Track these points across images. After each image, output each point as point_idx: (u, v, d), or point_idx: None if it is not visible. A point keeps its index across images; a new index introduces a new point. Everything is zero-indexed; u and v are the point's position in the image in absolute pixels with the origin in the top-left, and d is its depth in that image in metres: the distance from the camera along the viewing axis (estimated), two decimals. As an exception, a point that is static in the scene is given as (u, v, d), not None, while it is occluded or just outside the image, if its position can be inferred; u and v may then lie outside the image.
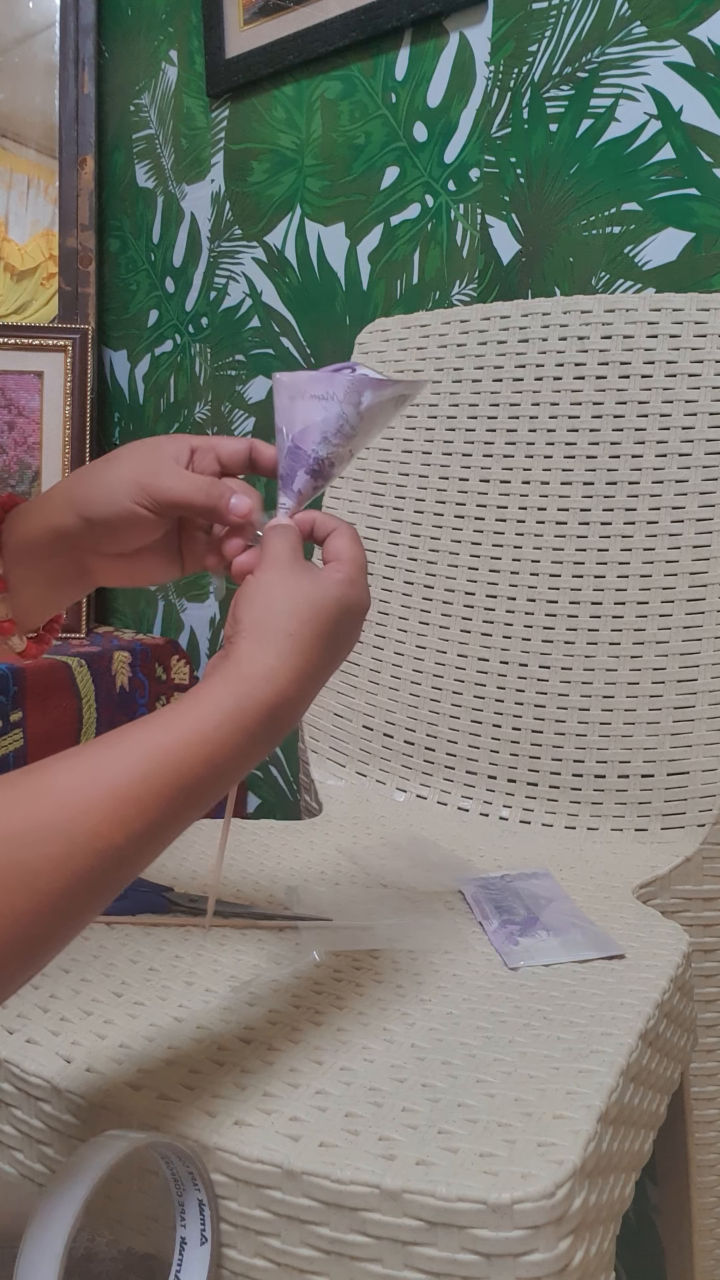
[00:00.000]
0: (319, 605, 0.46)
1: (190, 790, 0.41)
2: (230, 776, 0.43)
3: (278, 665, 0.44)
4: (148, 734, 0.41)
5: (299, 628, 0.45)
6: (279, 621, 0.45)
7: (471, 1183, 0.39)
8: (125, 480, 0.50)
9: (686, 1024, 0.61)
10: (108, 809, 0.38)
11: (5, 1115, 0.50)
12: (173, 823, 0.41)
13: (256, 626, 0.45)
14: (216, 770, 0.42)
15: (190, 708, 0.42)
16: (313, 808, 0.96)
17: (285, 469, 0.52)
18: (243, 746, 0.43)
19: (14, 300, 1.51)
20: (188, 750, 0.41)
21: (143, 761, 0.40)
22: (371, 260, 1.15)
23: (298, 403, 0.51)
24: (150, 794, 0.39)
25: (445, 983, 0.57)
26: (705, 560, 0.81)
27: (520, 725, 0.88)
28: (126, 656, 1.30)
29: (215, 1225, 0.43)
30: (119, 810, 0.38)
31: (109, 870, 0.38)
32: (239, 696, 0.43)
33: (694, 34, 0.86)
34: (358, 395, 0.50)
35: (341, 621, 0.47)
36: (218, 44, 1.27)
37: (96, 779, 0.39)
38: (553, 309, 0.90)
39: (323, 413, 0.50)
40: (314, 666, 0.46)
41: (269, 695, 0.43)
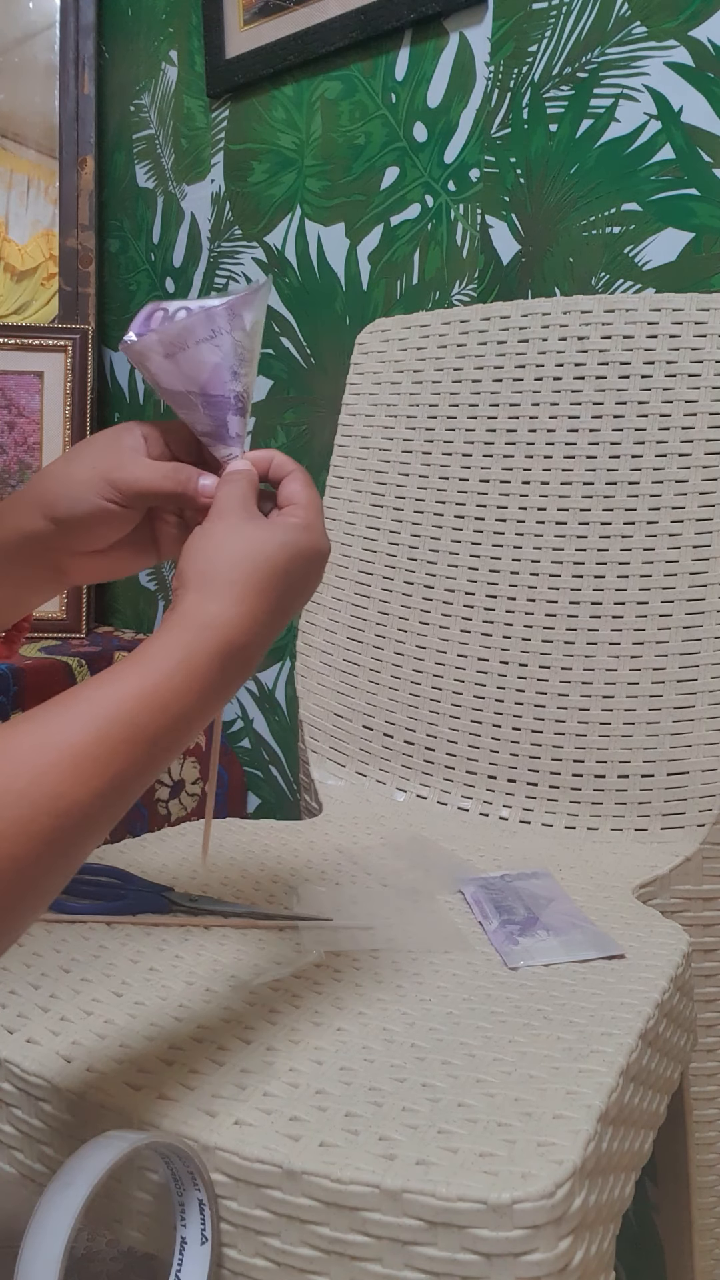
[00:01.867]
0: (265, 551, 0.46)
1: (148, 741, 0.40)
2: (191, 724, 0.43)
3: (221, 612, 0.44)
4: (99, 690, 0.41)
5: (243, 575, 0.45)
6: (223, 571, 0.45)
7: (471, 1183, 0.39)
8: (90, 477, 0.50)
9: (686, 1024, 0.61)
10: (66, 768, 0.38)
11: (5, 1115, 0.50)
12: (136, 776, 0.40)
13: (200, 577, 0.45)
14: (173, 718, 0.41)
15: (138, 661, 0.42)
16: (313, 808, 0.96)
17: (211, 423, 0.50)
18: (197, 693, 0.42)
19: (14, 300, 1.51)
20: (139, 701, 0.40)
21: (97, 718, 0.39)
22: (371, 260, 1.15)
23: (184, 356, 0.49)
24: (107, 749, 0.39)
25: (445, 983, 0.57)
26: (705, 560, 0.81)
27: (520, 725, 0.88)
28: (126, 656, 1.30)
29: (215, 1225, 0.43)
30: (78, 768, 0.38)
31: (75, 830, 0.38)
32: (186, 644, 0.43)
33: (694, 34, 0.86)
34: (240, 317, 0.49)
35: (293, 566, 0.47)
36: (218, 44, 1.27)
37: (52, 740, 0.38)
38: (553, 309, 0.90)
39: (218, 352, 0.49)
40: (264, 612, 0.46)
41: (217, 642, 0.43)
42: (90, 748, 0.39)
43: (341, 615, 0.98)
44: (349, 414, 1.01)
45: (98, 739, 0.39)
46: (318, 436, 1.22)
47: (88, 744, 0.39)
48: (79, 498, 0.50)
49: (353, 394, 1.01)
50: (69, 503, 0.50)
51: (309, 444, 1.24)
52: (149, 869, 0.72)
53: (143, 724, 0.40)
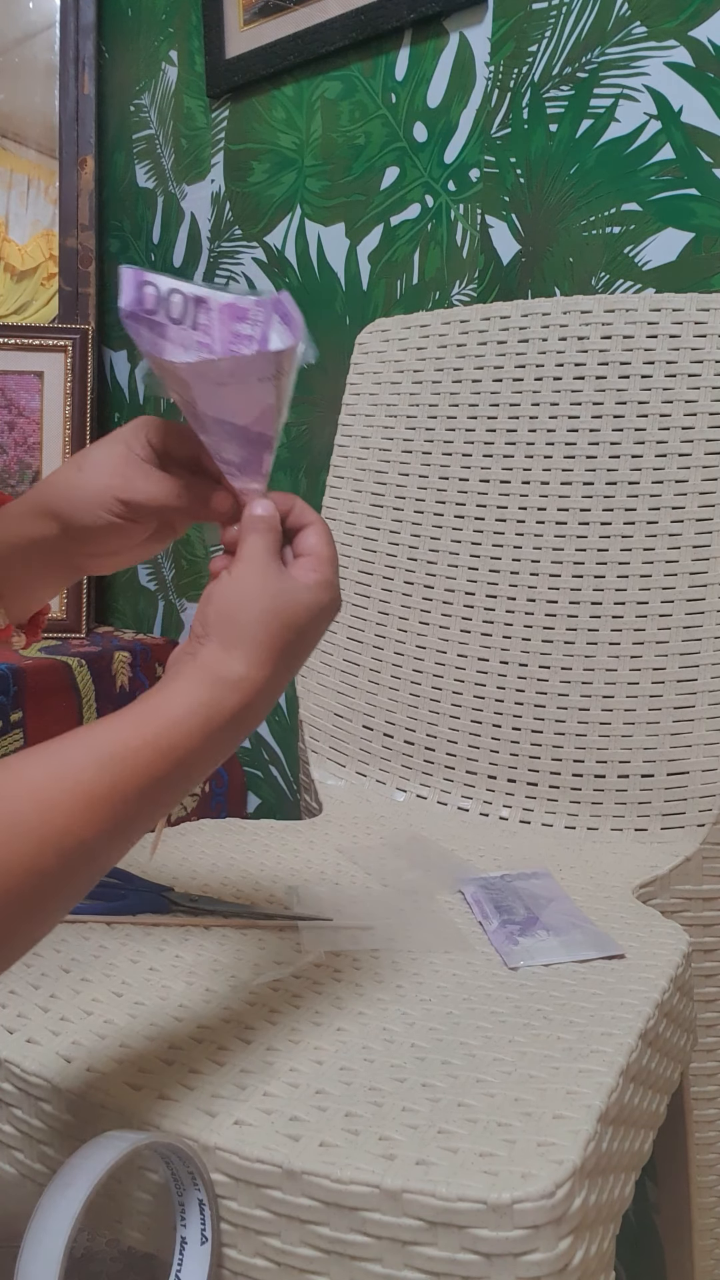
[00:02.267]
0: (290, 612, 0.46)
1: (157, 789, 0.41)
2: (194, 776, 0.43)
3: (246, 674, 0.44)
4: (118, 733, 0.41)
5: (269, 637, 0.45)
6: (249, 629, 0.45)
7: (471, 1182, 0.39)
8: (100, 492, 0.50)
9: (686, 1024, 0.61)
10: (79, 808, 0.39)
11: (5, 1115, 0.50)
12: (139, 820, 0.41)
13: (227, 629, 0.45)
14: (183, 771, 0.42)
15: (159, 708, 0.43)
16: (313, 808, 0.96)
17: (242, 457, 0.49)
18: (208, 749, 0.43)
19: (14, 300, 1.51)
20: (157, 751, 0.41)
21: (111, 760, 0.40)
22: (371, 260, 1.15)
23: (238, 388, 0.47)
24: (119, 793, 0.40)
25: (445, 983, 0.57)
26: (705, 560, 0.81)
27: (520, 725, 0.88)
28: (126, 656, 1.31)
29: (215, 1225, 0.43)
30: (90, 809, 0.39)
31: (78, 867, 0.39)
32: (207, 703, 0.43)
33: (694, 34, 0.86)
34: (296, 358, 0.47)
35: (311, 625, 0.47)
36: (218, 44, 1.27)
37: (67, 777, 0.39)
38: (553, 309, 0.90)
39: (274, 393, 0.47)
40: (280, 674, 0.46)
41: (234, 702, 0.44)
42: (104, 790, 0.39)
43: (341, 615, 0.98)
44: (349, 414, 1.01)
45: (111, 784, 0.40)
46: (318, 436, 1.22)
47: (101, 786, 0.39)
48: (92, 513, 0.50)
49: (353, 394, 1.01)
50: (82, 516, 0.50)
51: (309, 444, 1.24)
52: (149, 869, 0.72)
53: (156, 773, 0.41)
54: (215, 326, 0.48)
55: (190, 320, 0.48)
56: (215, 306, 0.48)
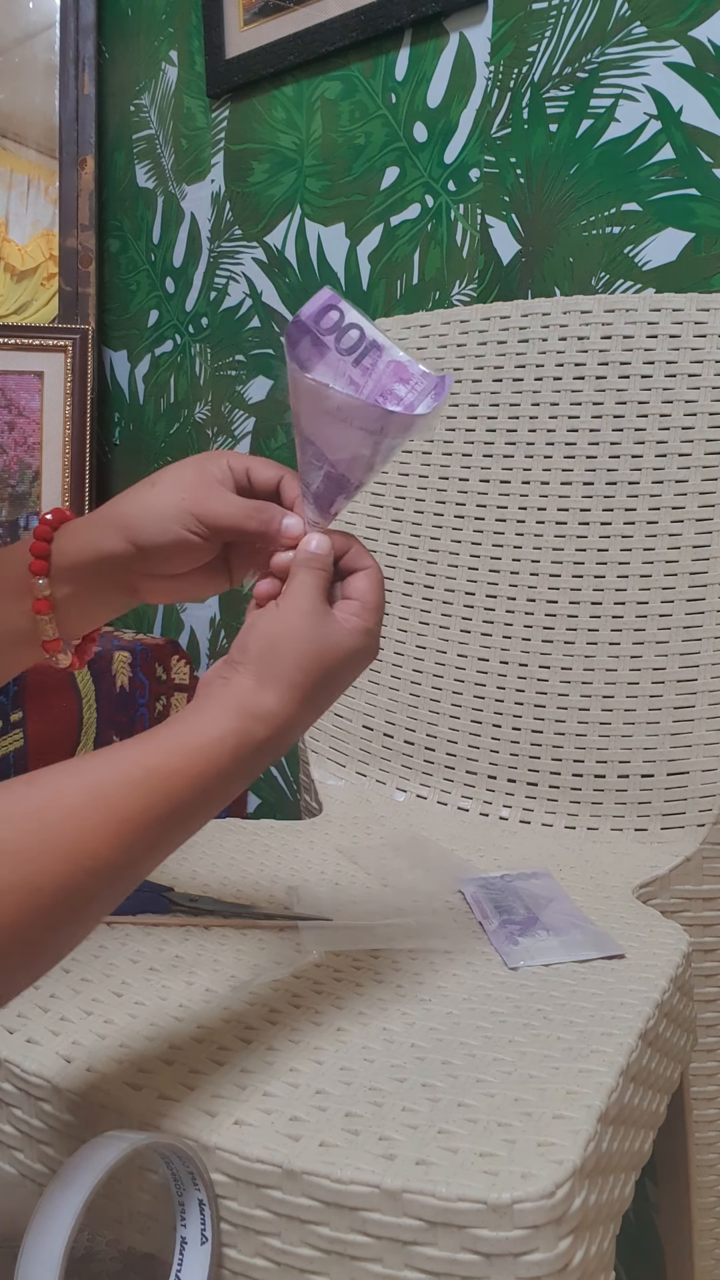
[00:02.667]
0: (329, 656, 0.47)
1: (185, 813, 0.42)
2: (219, 802, 0.44)
3: (278, 710, 0.45)
4: (150, 758, 0.42)
5: (305, 678, 0.46)
6: (288, 667, 0.46)
7: (471, 1182, 0.39)
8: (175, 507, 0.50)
9: (686, 1024, 0.61)
10: (110, 831, 0.39)
11: (5, 1115, 0.50)
12: (166, 843, 0.42)
13: (265, 664, 0.46)
14: (208, 797, 0.43)
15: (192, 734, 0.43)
16: (313, 808, 0.96)
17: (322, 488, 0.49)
18: (234, 777, 0.44)
19: (14, 300, 1.51)
20: (184, 780, 0.42)
21: (144, 786, 0.41)
22: (371, 260, 1.15)
23: (341, 429, 0.47)
24: (149, 818, 0.41)
25: (445, 983, 0.57)
26: (705, 560, 0.81)
27: (520, 725, 0.88)
28: (126, 656, 1.30)
29: (215, 1225, 0.43)
30: (121, 834, 0.40)
31: (107, 888, 0.40)
32: (238, 732, 0.44)
33: (694, 34, 0.86)
34: (415, 431, 0.48)
35: (346, 670, 0.48)
36: (218, 44, 1.27)
37: (99, 798, 0.40)
38: (553, 309, 0.90)
39: (372, 447, 0.48)
40: (309, 713, 0.47)
41: (263, 736, 0.45)
42: (135, 815, 0.40)
43: (341, 615, 0.98)
44: (349, 414, 1.01)
45: (143, 808, 0.41)
46: (318, 436, 1.22)
47: (133, 811, 0.40)
48: (163, 527, 0.50)
49: (353, 394, 1.01)
50: (153, 530, 0.50)
51: (309, 444, 1.24)
52: (149, 869, 0.72)
53: (184, 801, 0.42)
54: (376, 373, 0.49)
55: (355, 357, 0.49)
56: (386, 359, 0.49)
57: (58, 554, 0.52)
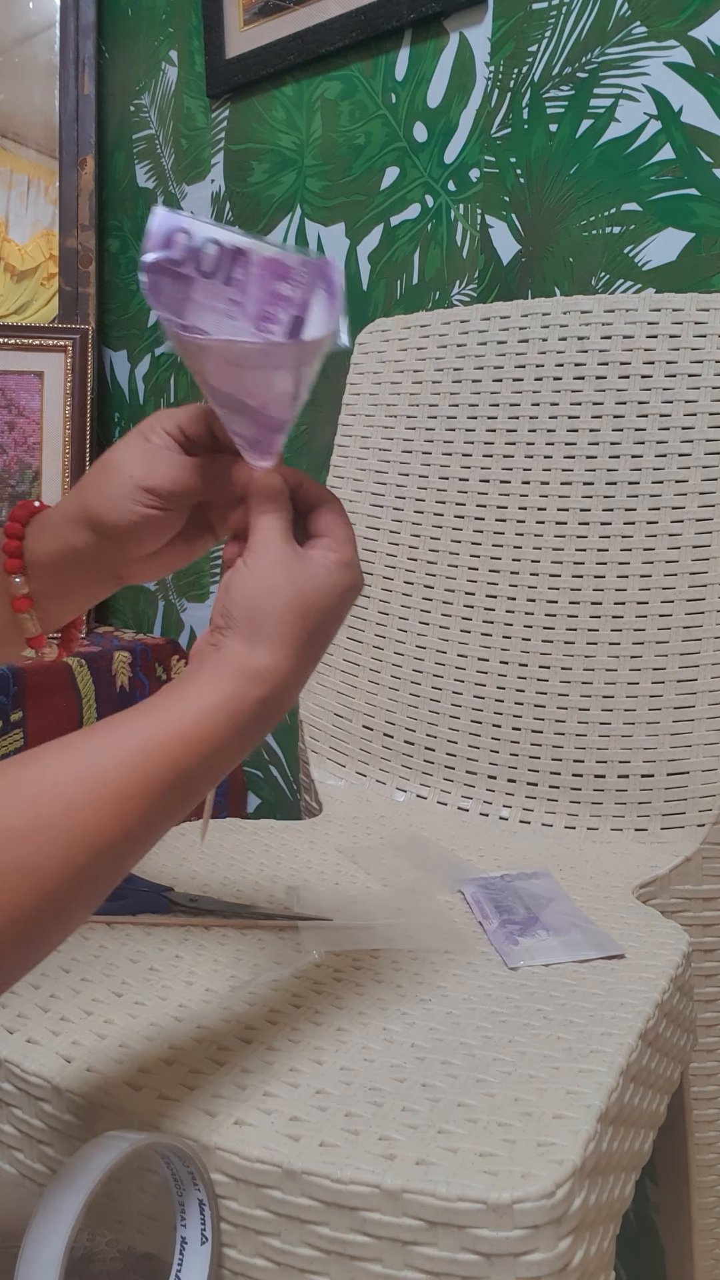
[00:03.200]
0: (313, 599, 0.45)
1: (184, 784, 0.41)
2: (221, 769, 0.43)
3: (272, 665, 0.43)
4: (142, 728, 0.41)
5: (294, 627, 0.44)
6: (272, 620, 0.44)
7: (471, 1182, 0.39)
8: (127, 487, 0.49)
9: (686, 1024, 0.61)
10: (106, 805, 0.38)
11: (5, 1115, 0.50)
12: (166, 815, 0.41)
13: (249, 623, 0.44)
14: (208, 763, 0.42)
15: (182, 701, 0.42)
16: (313, 808, 0.96)
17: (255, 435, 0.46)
18: (234, 741, 0.42)
19: (14, 300, 1.51)
20: (183, 746, 0.41)
21: (138, 756, 0.40)
22: (371, 260, 1.15)
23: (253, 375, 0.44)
24: (145, 789, 0.39)
25: (445, 983, 0.57)
26: (705, 560, 0.81)
27: (520, 725, 0.88)
28: (126, 656, 1.30)
29: (215, 1225, 0.43)
30: (118, 806, 0.38)
31: (106, 864, 0.39)
32: (232, 696, 0.42)
33: (694, 34, 0.86)
34: (324, 348, 0.44)
35: (336, 609, 0.46)
36: (218, 44, 1.27)
37: (93, 775, 0.39)
38: (553, 309, 0.90)
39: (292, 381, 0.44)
40: (306, 661, 0.45)
41: (260, 694, 0.43)
42: (131, 787, 0.39)
43: (341, 615, 0.98)
44: (349, 414, 1.01)
45: (139, 779, 0.39)
46: (318, 436, 1.22)
47: (129, 783, 0.39)
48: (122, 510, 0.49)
49: (353, 394, 1.01)
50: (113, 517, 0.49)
51: (309, 444, 1.24)
52: (149, 869, 0.72)
53: (182, 767, 0.41)
54: (252, 284, 0.45)
55: (224, 275, 0.44)
56: (256, 261, 0.44)
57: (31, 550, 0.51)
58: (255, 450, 0.47)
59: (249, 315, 0.44)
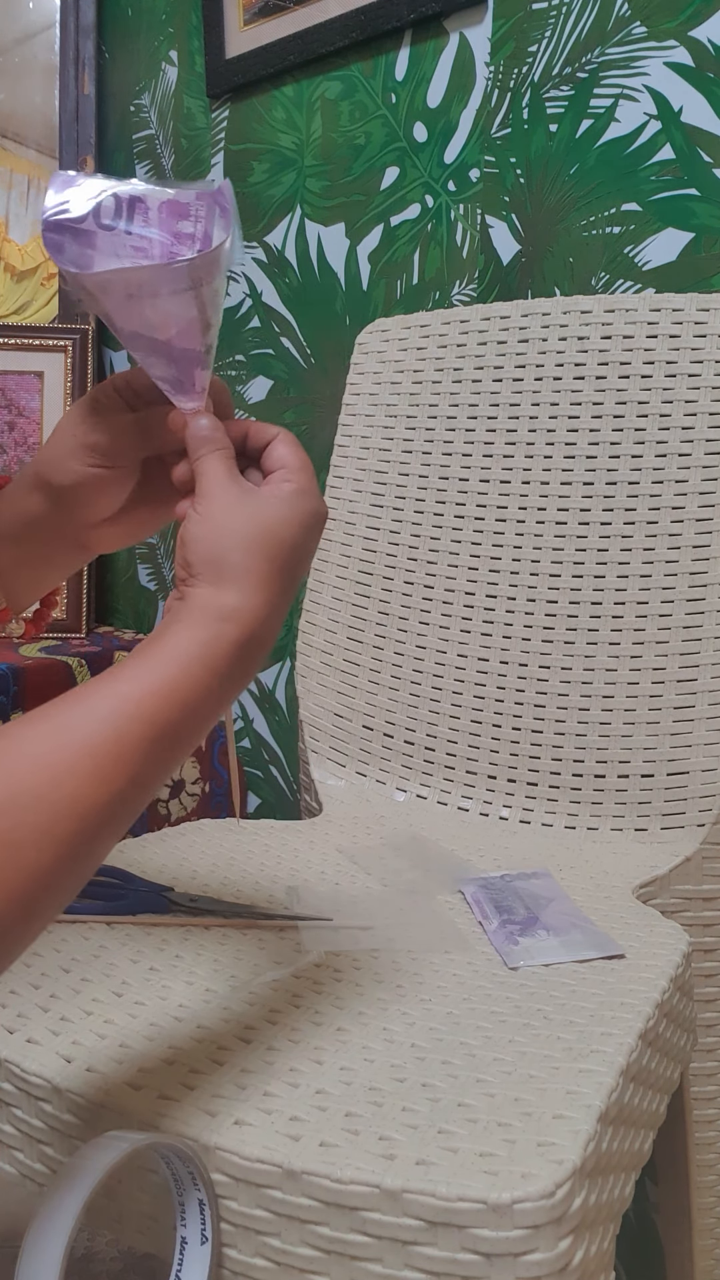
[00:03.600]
0: (271, 529, 0.44)
1: (166, 737, 0.40)
2: (206, 718, 0.42)
3: (241, 604, 0.42)
4: (117, 687, 0.39)
5: (256, 561, 0.43)
6: (234, 558, 0.43)
7: (471, 1182, 0.39)
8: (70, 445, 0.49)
9: (686, 1024, 0.61)
10: (87, 769, 0.37)
11: (5, 1115, 0.50)
12: (153, 773, 0.40)
13: (210, 566, 0.43)
14: (190, 713, 0.41)
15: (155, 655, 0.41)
16: (313, 808, 0.96)
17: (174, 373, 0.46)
18: (214, 687, 0.41)
19: (14, 300, 1.51)
20: (160, 698, 0.40)
21: (116, 716, 0.38)
22: (371, 260, 1.15)
23: (152, 303, 0.44)
24: (128, 748, 0.38)
25: (445, 983, 0.57)
26: (705, 560, 0.81)
27: (520, 725, 0.88)
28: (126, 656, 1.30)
29: (215, 1225, 0.43)
30: (99, 769, 0.37)
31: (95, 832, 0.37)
32: (204, 641, 0.41)
33: (694, 34, 0.86)
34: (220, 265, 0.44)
35: (299, 538, 0.45)
36: (218, 44, 1.27)
37: (71, 740, 0.38)
38: (553, 309, 0.90)
39: (197, 303, 0.44)
40: (279, 595, 0.44)
41: (236, 636, 0.42)
42: (110, 747, 0.38)
43: (341, 615, 0.98)
44: (349, 414, 1.01)
45: (117, 738, 0.38)
46: (318, 436, 1.22)
47: (108, 743, 0.38)
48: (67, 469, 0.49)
49: (353, 394, 1.01)
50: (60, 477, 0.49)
51: (309, 444, 1.24)
52: (149, 869, 0.72)
53: (163, 721, 0.39)
54: (154, 227, 0.45)
55: (125, 224, 0.45)
56: (154, 205, 0.45)
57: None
58: (179, 391, 0.47)
59: (155, 258, 0.45)
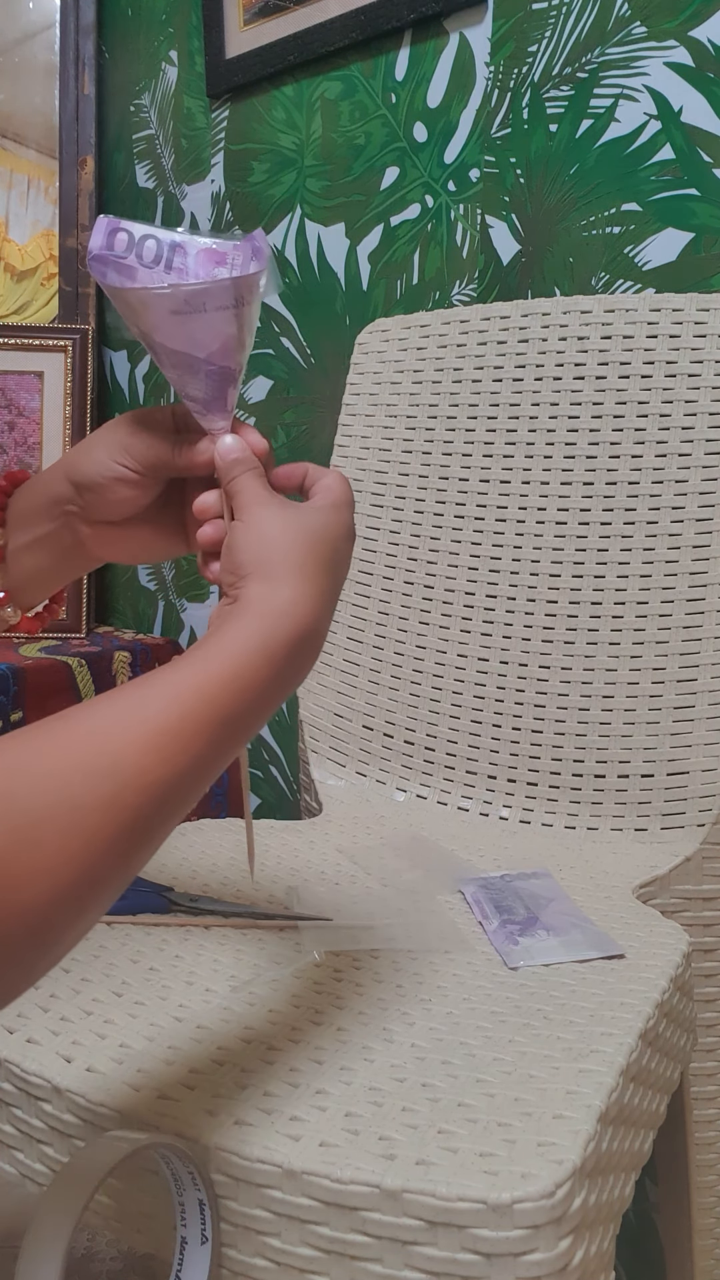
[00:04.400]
0: (316, 533, 0.47)
1: (228, 723, 0.41)
2: (267, 707, 0.43)
3: (295, 597, 0.44)
4: (180, 674, 0.41)
5: (304, 558, 0.45)
6: (283, 557, 0.45)
7: (471, 1182, 0.39)
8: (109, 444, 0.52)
9: (686, 1024, 0.61)
10: (151, 745, 0.38)
11: (5, 1115, 0.50)
12: (216, 756, 0.41)
13: (260, 567, 0.45)
14: (251, 702, 0.42)
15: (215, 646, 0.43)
16: (313, 808, 0.96)
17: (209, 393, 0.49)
18: (271, 680, 0.43)
19: (14, 300, 1.51)
20: (221, 685, 0.41)
21: (181, 698, 0.40)
22: (371, 260, 1.15)
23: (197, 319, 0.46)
24: (191, 728, 0.40)
25: (445, 983, 0.57)
26: (705, 560, 0.81)
27: (520, 725, 0.88)
28: (126, 656, 1.31)
29: (215, 1225, 0.43)
30: (162, 746, 0.39)
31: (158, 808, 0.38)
32: (263, 634, 0.43)
33: (694, 34, 0.86)
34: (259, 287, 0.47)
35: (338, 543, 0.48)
36: (218, 44, 1.27)
37: (135, 718, 0.39)
38: (553, 309, 0.90)
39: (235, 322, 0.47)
40: (329, 590, 0.46)
41: (291, 628, 0.44)
42: (174, 725, 0.39)
43: (341, 615, 0.98)
44: (349, 414, 1.01)
45: (181, 717, 0.39)
46: (318, 436, 1.22)
47: (171, 722, 0.39)
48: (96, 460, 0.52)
49: (353, 394, 1.01)
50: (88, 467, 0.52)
51: (309, 444, 1.24)
52: (149, 869, 0.72)
53: (223, 705, 0.41)
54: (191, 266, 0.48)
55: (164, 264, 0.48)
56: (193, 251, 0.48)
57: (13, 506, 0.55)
58: (210, 410, 0.50)
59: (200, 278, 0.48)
